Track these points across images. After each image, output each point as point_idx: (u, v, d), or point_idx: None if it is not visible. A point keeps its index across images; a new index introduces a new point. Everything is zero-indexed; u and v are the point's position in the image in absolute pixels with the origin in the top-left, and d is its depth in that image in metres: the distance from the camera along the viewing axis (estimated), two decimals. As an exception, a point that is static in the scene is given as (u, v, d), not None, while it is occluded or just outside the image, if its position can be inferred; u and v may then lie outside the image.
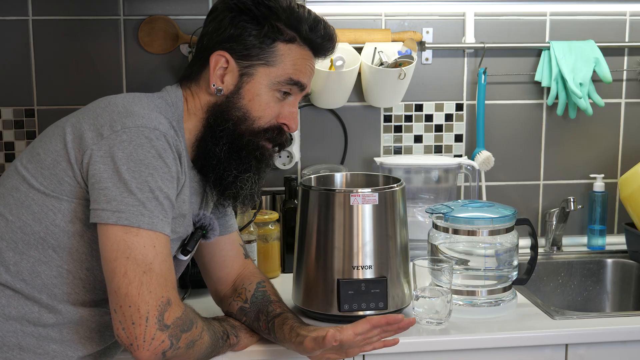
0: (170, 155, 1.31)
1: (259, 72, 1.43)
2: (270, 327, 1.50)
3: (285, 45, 1.43)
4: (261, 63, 1.43)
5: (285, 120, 1.46)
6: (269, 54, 1.43)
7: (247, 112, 1.43)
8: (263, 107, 1.44)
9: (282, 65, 1.44)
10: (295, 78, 1.45)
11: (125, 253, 1.24)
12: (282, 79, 1.44)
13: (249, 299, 1.57)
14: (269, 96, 1.44)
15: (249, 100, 1.43)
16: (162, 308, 1.24)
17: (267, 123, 1.45)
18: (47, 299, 1.32)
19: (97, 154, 1.27)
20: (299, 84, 1.46)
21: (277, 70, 1.43)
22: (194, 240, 1.48)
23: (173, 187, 1.32)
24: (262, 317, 1.53)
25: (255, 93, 1.43)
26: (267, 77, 1.43)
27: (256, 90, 1.43)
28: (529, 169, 2.30)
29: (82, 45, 2.07)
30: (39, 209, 1.31)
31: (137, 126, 1.29)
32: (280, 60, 1.43)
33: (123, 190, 1.25)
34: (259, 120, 1.44)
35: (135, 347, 1.23)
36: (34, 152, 1.36)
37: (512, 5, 2.20)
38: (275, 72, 1.43)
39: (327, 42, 1.49)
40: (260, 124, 1.44)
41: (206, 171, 1.45)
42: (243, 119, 1.43)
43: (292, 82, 1.45)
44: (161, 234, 1.27)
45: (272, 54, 1.43)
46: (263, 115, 1.44)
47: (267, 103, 1.44)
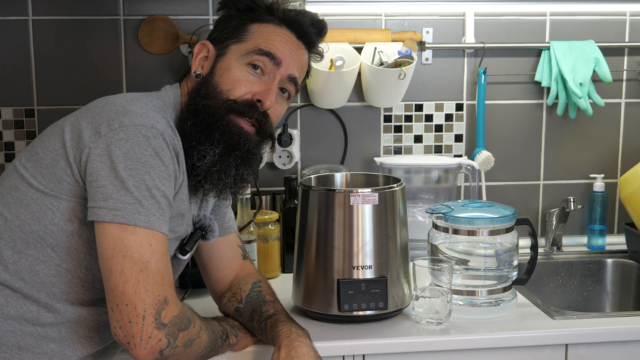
0: (167, 153, 1.31)
1: (231, 49, 1.46)
2: (262, 328, 1.50)
3: (259, 24, 1.47)
4: (234, 41, 1.46)
5: (259, 96, 1.44)
6: (240, 32, 1.46)
7: (216, 86, 1.44)
8: (232, 80, 1.44)
9: (253, 40, 1.46)
10: (265, 48, 1.44)
11: (121, 251, 1.24)
12: (251, 49, 1.44)
13: (244, 299, 1.57)
14: (240, 70, 1.44)
15: (219, 76, 1.45)
16: (159, 306, 1.24)
17: (237, 97, 1.43)
18: (46, 298, 1.32)
19: (94, 152, 1.27)
20: (270, 55, 1.44)
21: (247, 45, 1.45)
22: (193, 241, 1.48)
23: (170, 185, 1.31)
24: (255, 317, 1.53)
25: (226, 67, 1.45)
26: (237, 52, 1.45)
27: (226, 65, 1.45)
28: (529, 169, 2.30)
29: (82, 45, 2.07)
30: (38, 207, 1.31)
31: (135, 124, 1.29)
32: (252, 36, 1.46)
33: (120, 188, 1.25)
34: (227, 93, 1.43)
35: (132, 346, 1.23)
36: (33, 151, 1.36)
37: (512, 5, 2.20)
38: (246, 46, 1.45)
39: (305, 18, 1.49)
40: (229, 96, 1.43)
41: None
42: (213, 93, 1.43)
43: (261, 52, 1.44)
44: (158, 232, 1.27)
45: (245, 31, 1.46)
46: (231, 88, 1.43)
47: (237, 77, 1.44)
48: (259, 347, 1.55)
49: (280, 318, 1.49)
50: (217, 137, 1.40)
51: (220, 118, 1.41)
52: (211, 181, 1.42)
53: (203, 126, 1.40)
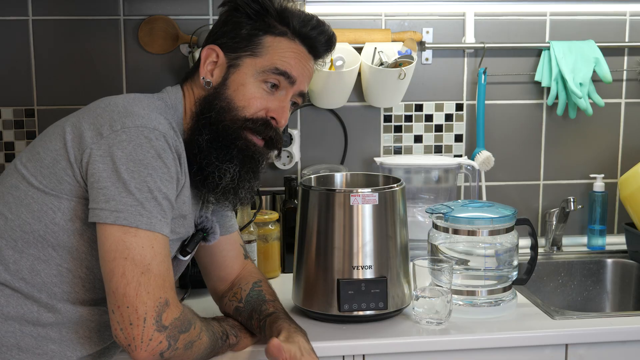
0: (169, 155, 1.31)
1: (245, 62, 1.44)
2: (262, 326, 1.50)
3: (274, 37, 1.44)
4: (248, 54, 1.43)
5: (274, 114, 1.45)
6: (256, 45, 1.44)
7: (230, 101, 1.43)
8: (247, 97, 1.43)
9: (269, 56, 1.43)
10: (281, 68, 1.43)
11: (123, 253, 1.24)
12: (267, 67, 1.43)
13: (244, 298, 1.57)
14: (255, 87, 1.43)
15: (233, 90, 1.43)
16: (160, 309, 1.24)
17: (252, 114, 1.43)
18: (47, 298, 1.32)
19: (96, 153, 1.27)
20: (286, 75, 1.44)
21: (263, 61, 1.43)
22: (194, 242, 1.48)
23: (172, 187, 1.31)
24: (255, 315, 1.53)
25: (240, 83, 1.43)
26: (252, 67, 1.43)
27: (241, 79, 1.43)
28: (529, 169, 2.30)
29: (82, 45, 2.07)
30: (39, 207, 1.31)
31: (137, 126, 1.29)
32: (266, 51, 1.44)
33: (122, 190, 1.25)
34: (243, 110, 1.43)
35: (133, 348, 1.23)
36: (33, 151, 1.36)
37: (512, 5, 2.20)
38: (261, 62, 1.43)
39: (320, 35, 1.48)
40: (245, 114, 1.43)
41: (190, 162, 1.43)
42: (227, 108, 1.42)
43: (277, 71, 1.43)
44: (160, 234, 1.27)
45: (260, 45, 1.44)
46: (247, 105, 1.43)
47: (252, 93, 1.43)
48: (259, 347, 1.55)
49: (280, 316, 1.50)
50: (235, 154, 1.43)
51: (238, 137, 1.43)
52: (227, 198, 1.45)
53: (221, 144, 1.42)
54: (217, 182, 1.42)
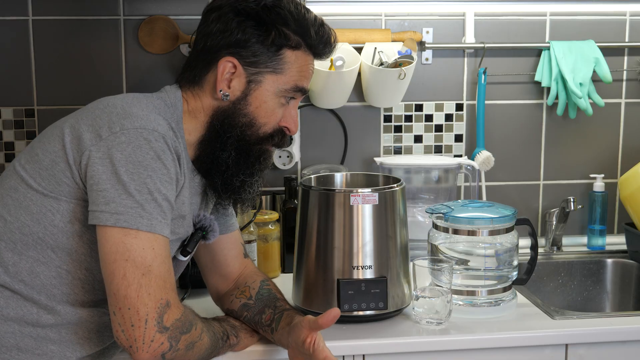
0: (169, 156, 1.30)
1: (267, 79, 1.43)
2: (275, 319, 1.50)
3: (292, 52, 1.43)
4: (269, 71, 1.42)
5: (286, 124, 1.47)
6: (276, 61, 1.42)
7: (253, 118, 1.44)
8: (269, 113, 1.45)
9: (290, 73, 1.44)
10: (300, 85, 1.46)
11: (124, 255, 1.24)
12: (289, 86, 1.44)
13: (254, 296, 1.57)
14: (275, 103, 1.45)
15: (256, 107, 1.43)
16: (161, 310, 1.24)
17: (271, 128, 1.46)
18: (46, 300, 1.32)
19: (95, 155, 1.27)
20: (303, 90, 1.47)
21: (285, 78, 1.44)
22: (194, 242, 1.48)
23: (172, 188, 1.31)
24: (267, 310, 1.53)
25: (263, 100, 1.43)
26: (274, 84, 1.43)
27: (263, 97, 1.43)
28: (529, 169, 2.30)
29: (82, 45, 2.07)
30: (38, 209, 1.31)
31: (136, 127, 1.29)
32: (287, 67, 1.43)
33: (122, 192, 1.25)
34: (265, 127, 1.45)
35: (134, 349, 1.23)
36: (32, 152, 1.36)
37: (512, 5, 2.20)
38: (283, 80, 1.44)
39: (329, 46, 1.49)
40: (266, 130, 1.45)
41: (212, 176, 1.45)
42: (249, 125, 1.44)
43: (297, 89, 1.46)
44: (160, 235, 1.27)
45: (280, 61, 1.43)
46: (268, 121, 1.45)
47: (273, 109, 1.45)
48: (259, 347, 1.55)
49: (296, 312, 1.52)
50: (257, 167, 1.48)
51: (263, 152, 1.47)
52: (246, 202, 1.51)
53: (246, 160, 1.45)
54: (247, 195, 1.48)
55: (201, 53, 1.45)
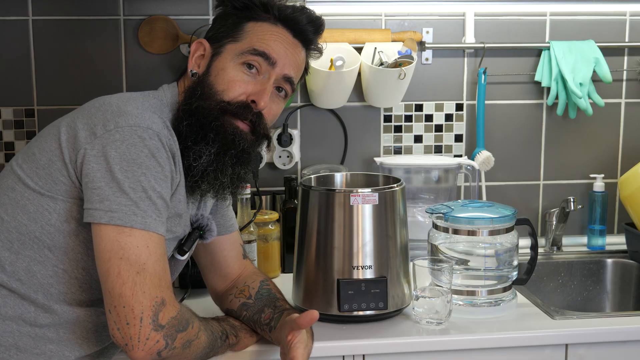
0: (163, 154, 1.30)
1: (227, 48, 1.45)
2: (275, 318, 1.50)
3: (255, 22, 1.46)
4: (229, 40, 1.45)
5: (254, 97, 1.43)
6: (236, 31, 1.46)
7: (211, 86, 1.43)
8: (226, 80, 1.43)
9: (248, 39, 1.45)
10: (259, 48, 1.44)
11: (118, 253, 1.24)
12: (246, 49, 1.44)
13: (253, 295, 1.57)
14: (234, 70, 1.44)
15: (214, 76, 1.44)
16: (156, 308, 1.24)
17: (231, 98, 1.42)
18: (43, 299, 1.32)
19: (90, 153, 1.27)
20: (264, 55, 1.44)
21: (242, 44, 1.44)
22: (191, 241, 1.48)
23: (167, 186, 1.31)
24: (267, 310, 1.53)
25: (221, 67, 1.44)
26: (232, 51, 1.44)
27: (221, 64, 1.44)
28: (529, 169, 2.30)
29: (82, 45, 2.07)
30: (35, 208, 1.31)
31: (130, 125, 1.29)
32: (247, 35, 1.45)
33: (116, 190, 1.25)
34: (222, 94, 1.42)
35: (130, 347, 1.23)
36: (29, 152, 1.36)
37: (512, 5, 2.20)
38: (241, 46, 1.44)
39: (301, 15, 1.48)
40: (224, 98, 1.42)
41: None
42: (208, 94, 1.42)
43: (255, 52, 1.43)
44: (155, 233, 1.27)
45: (241, 30, 1.46)
46: (227, 88, 1.43)
47: (232, 77, 1.43)
48: (259, 347, 1.55)
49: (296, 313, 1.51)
50: (212, 137, 1.40)
51: (215, 119, 1.40)
52: (208, 181, 1.42)
53: (198, 127, 1.40)
54: (193, 164, 1.39)
55: None
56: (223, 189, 1.45)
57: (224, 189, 1.45)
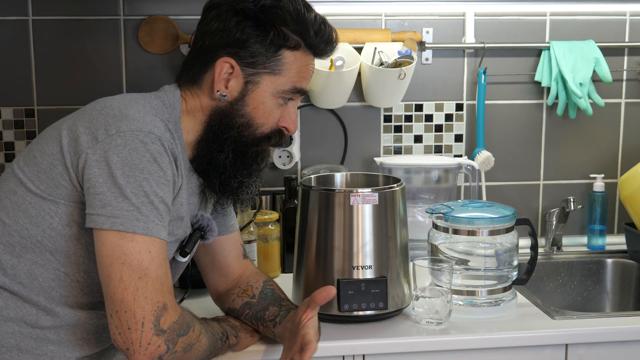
0: (165, 159, 1.30)
1: (265, 80, 1.42)
2: (281, 315, 1.51)
3: (290, 52, 1.42)
4: (267, 72, 1.41)
5: (285, 124, 1.47)
6: (274, 62, 1.41)
7: (251, 119, 1.43)
8: (267, 114, 1.44)
9: (288, 74, 1.43)
10: (299, 86, 1.45)
11: (120, 258, 1.23)
12: (288, 87, 1.43)
13: (257, 295, 1.57)
14: (273, 103, 1.44)
15: (253, 108, 1.43)
16: (158, 313, 1.24)
17: (269, 129, 1.45)
18: (45, 302, 1.32)
19: (92, 158, 1.27)
20: (302, 92, 1.46)
21: (283, 79, 1.43)
22: (192, 242, 1.48)
23: (169, 191, 1.31)
24: (272, 308, 1.53)
25: (260, 101, 1.43)
26: (272, 85, 1.42)
27: (261, 98, 1.43)
28: (529, 169, 2.30)
29: (82, 45, 2.07)
30: (36, 212, 1.31)
31: (132, 130, 1.28)
32: (285, 68, 1.42)
33: (118, 195, 1.24)
34: (262, 127, 1.44)
35: (131, 352, 1.23)
36: (30, 154, 1.35)
37: (512, 5, 2.20)
38: (281, 81, 1.43)
39: (329, 45, 1.48)
40: (263, 131, 1.45)
41: (210, 177, 1.45)
42: (247, 125, 1.43)
43: (296, 90, 1.45)
44: (157, 238, 1.27)
45: (278, 62, 1.41)
46: (266, 122, 1.44)
47: (271, 110, 1.44)
48: (259, 347, 1.55)
49: None
50: (255, 167, 1.47)
51: (260, 153, 1.47)
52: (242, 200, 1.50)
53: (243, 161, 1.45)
54: (245, 196, 1.48)
55: (199, 52, 1.44)
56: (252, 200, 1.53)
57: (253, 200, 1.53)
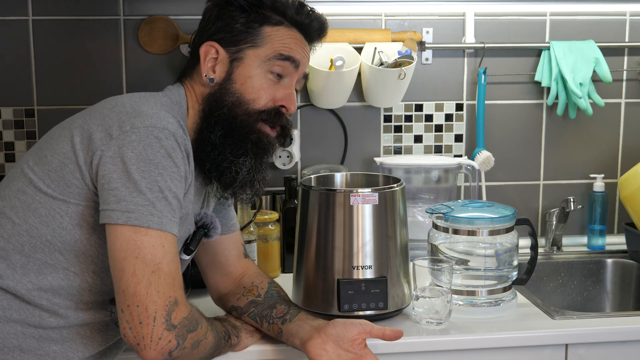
0: (179, 154, 1.31)
1: (248, 54, 1.44)
2: (291, 313, 1.51)
3: (272, 27, 1.45)
4: (249, 46, 1.44)
5: (283, 102, 1.46)
6: (255, 36, 1.44)
7: (240, 95, 1.43)
8: (256, 88, 1.44)
9: (270, 45, 1.44)
10: (285, 53, 1.45)
11: (134, 252, 1.24)
12: (272, 55, 1.44)
13: (263, 295, 1.58)
14: (262, 77, 1.44)
15: (241, 84, 1.44)
16: (169, 308, 1.24)
17: (262, 105, 1.44)
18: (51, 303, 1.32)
19: (106, 154, 1.27)
20: (290, 59, 1.45)
21: (265, 49, 1.44)
22: (197, 240, 1.48)
23: (181, 186, 1.32)
24: (279, 306, 1.54)
25: (247, 75, 1.44)
26: (256, 57, 1.44)
27: (247, 72, 1.44)
28: (529, 169, 2.30)
29: (82, 45, 2.07)
30: (46, 212, 1.31)
31: (146, 126, 1.29)
32: (267, 40, 1.44)
33: (133, 190, 1.25)
34: (254, 103, 1.44)
35: (142, 347, 1.23)
36: (40, 154, 1.35)
37: (512, 5, 2.20)
38: (264, 52, 1.44)
39: (314, 21, 1.49)
40: (255, 107, 1.44)
41: (202, 160, 1.44)
42: (237, 103, 1.43)
43: (282, 57, 1.44)
44: (169, 233, 1.27)
45: (259, 36, 1.44)
46: (257, 97, 1.44)
47: (260, 84, 1.44)
48: (259, 347, 1.55)
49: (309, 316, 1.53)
50: (250, 147, 1.44)
51: (253, 130, 1.44)
52: (245, 191, 1.47)
53: (237, 139, 1.43)
54: (235, 176, 1.43)
55: (192, 49, 1.50)
56: (256, 194, 1.50)
57: (256, 194, 1.50)
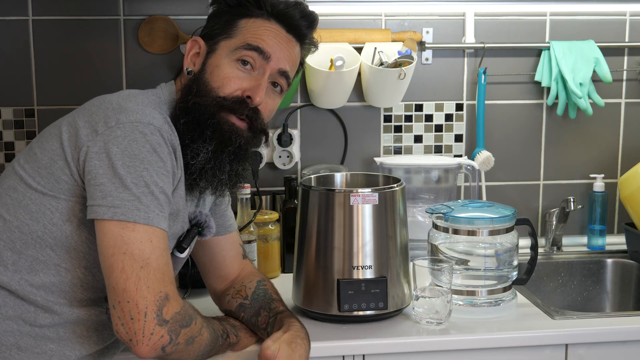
0: (165, 149, 1.31)
1: (221, 46, 1.46)
2: (271, 322, 1.50)
3: (248, 19, 1.46)
4: (223, 37, 1.46)
5: (250, 92, 1.44)
6: (230, 28, 1.46)
7: (206, 83, 1.43)
8: (221, 77, 1.43)
9: (242, 36, 1.45)
10: (253, 43, 1.44)
11: (122, 248, 1.24)
12: (240, 45, 1.44)
13: (250, 296, 1.57)
14: (229, 67, 1.44)
15: (209, 73, 1.44)
16: (160, 303, 1.24)
17: (226, 94, 1.43)
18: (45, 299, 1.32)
19: (92, 150, 1.28)
20: (259, 50, 1.44)
21: (237, 41, 1.45)
22: (190, 238, 1.48)
23: (169, 181, 1.31)
24: (263, 312, 1.53)
25: (215, 64, 1.44)
26: (227, 48, 1.45)
27: (216, 62, 1.45)
28: (529, 169, 2.30)
29: (82, 45, 2.07)
30: (37, 208, 1.31)
31: (131, 121, 1.29)
32: (240, 32, 1.46)
33: (118, 186, 1.25)
34: (217, 90, 1.43)
35: (134, 343, 1.23)
36: (31, 152, 1.36)
37: (512, 5, 2.20)
38: (235, 42, 1.45)
39: (293, 10, 1.48)
40: (219, 94, 1.43)
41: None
42: (203, 91, 1.43)
43: (249, 47, 1.44)
44: (158, 228, 1.27)
45: (234, 27, 1.46)
46: (221, 85, 1.43)
47: (227, 73, 1.43)
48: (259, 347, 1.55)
49: (290, 314, 1.51)
50: (209, 134, 1.41)
51: (211, 115, 1.41)
52: (206, 178, 1.42)
53: (195, 124, 1.40)
54: (191, 162, 1.40)
55: None
56: (221, 186, 1.45)
57: (222, 186, 1.45)
